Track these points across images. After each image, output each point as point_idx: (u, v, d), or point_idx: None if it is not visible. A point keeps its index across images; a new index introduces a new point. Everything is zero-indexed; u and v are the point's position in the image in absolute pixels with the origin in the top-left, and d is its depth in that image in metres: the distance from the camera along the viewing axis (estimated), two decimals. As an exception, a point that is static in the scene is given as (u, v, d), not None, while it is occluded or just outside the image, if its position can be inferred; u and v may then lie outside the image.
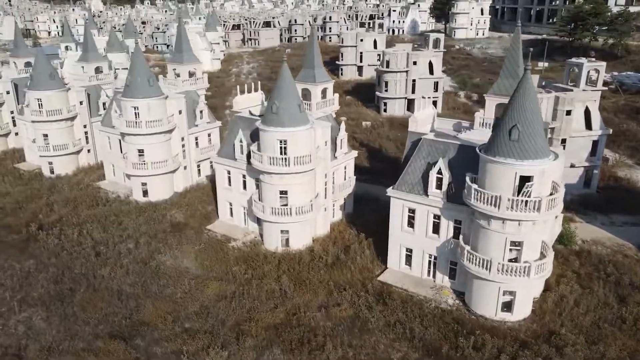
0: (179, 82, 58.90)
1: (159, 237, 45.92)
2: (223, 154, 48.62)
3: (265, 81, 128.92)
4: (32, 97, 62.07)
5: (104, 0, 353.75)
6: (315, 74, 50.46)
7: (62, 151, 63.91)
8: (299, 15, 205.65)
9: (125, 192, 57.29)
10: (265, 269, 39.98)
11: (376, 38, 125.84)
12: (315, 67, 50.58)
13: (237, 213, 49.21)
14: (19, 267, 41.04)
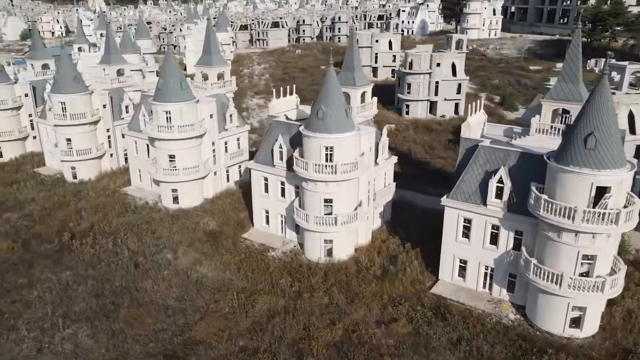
0: (208, 85, 57.29)
1: (196, 246, 44.36)
2: (260, 160, 47.08)
3: (279, 82, 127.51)
4: (55, 101, 60.46)
5: (107, 1, 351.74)
6: (355, 77, 49.01)
7: (86, 156, 62.35)
8: (307, 16, 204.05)
9: (153, 198, 55.72)
10: (312, 280, 38.44)
11: (391, 39, 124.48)
12: (355, 69, 49.15)
13: (274, 221, 47.67)
14: (56, 280, 39.46)
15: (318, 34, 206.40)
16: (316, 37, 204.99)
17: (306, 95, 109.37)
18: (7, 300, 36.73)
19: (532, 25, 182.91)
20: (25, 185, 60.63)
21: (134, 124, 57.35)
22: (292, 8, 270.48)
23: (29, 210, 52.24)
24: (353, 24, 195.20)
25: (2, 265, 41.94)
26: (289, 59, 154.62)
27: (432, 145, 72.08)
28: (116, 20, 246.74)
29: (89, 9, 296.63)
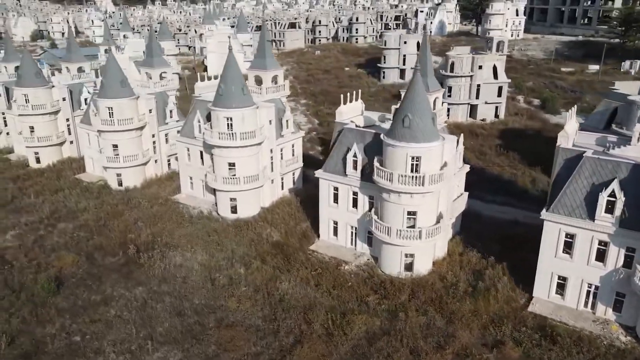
0: (263, 89, 55.36)
1: (267, 260, 42.43)
2: (330, 169, 45.14)
3: (305, 84, 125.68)
4: (102, 106, 58.56)
5: (115, 1, 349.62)
6: (429, 83, 47.03)
7: (132, 162, 60.47)
8: (323, 16, 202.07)
9: (207, 207, 53.86)
10: (402, 298, 36.50)
11: (419, 40, 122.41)
12: (428, 75, 47.18)
13: (344, 233, 45.74)
14: (130, 296, 37.53)
15: (334, 34, 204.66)
16: (332, 37, 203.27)
17: (336, 98, 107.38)
18: (85, 320, 34.79)
19: (552, 26, 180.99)
20: (71, 193, 58.63)
21: (187, 129, 55.40)
22: (302, 8, 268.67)
23: (84, 220, 50.31)
24: (371, 24, 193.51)
25: (70, 280, 39.99)
26: (310, 60, 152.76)
27: (482, 150, 70.10)
28: (131, 21, 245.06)
29: (98, 10, 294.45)
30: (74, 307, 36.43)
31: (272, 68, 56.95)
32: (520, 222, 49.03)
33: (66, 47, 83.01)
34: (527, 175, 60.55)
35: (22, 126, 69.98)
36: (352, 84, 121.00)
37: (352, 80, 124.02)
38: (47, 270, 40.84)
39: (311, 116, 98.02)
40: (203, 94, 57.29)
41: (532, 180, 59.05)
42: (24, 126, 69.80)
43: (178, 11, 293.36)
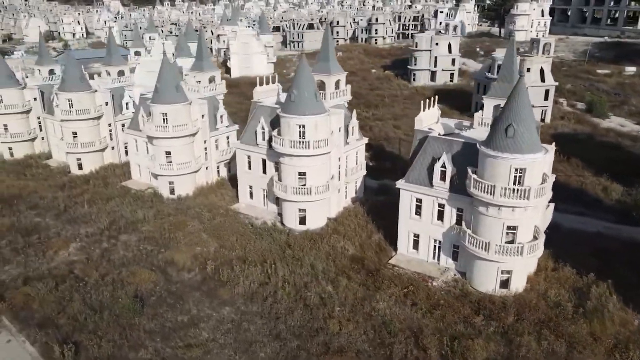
0: (327, 94, 53.26)
1: (351, 276, 40.34)
2: (412, 180, 43.01)
3: None
4: (157, 112, 56.48)
5: (123, 2, 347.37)
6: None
7: (185, 170, 58.42)
8: (341, 16, 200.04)
9: (271, 218, 51.81)
10: (509, 319, 34.37)
11: (451, 42, 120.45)
12: (513, 80, 45.01)
13: (426, 246, 43.59)
14: (218, 317, 35.44)
15: (351, 35, 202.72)
16: (349, 38, 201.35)
17: (371, 102, 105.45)
18: (177, 344, 32.69)
19: (574, 26, 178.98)
20: (123, 202, 56.56)
21: (248, 136, 53.29)
22: (312, 8, 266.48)
23: (147, 232, 48.19)
24: (390, 25, 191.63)
25: (150, 298, 37.89)
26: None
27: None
28: (140, 21, 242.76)
29: (108, 10, 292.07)
30: (162, 329, 34.33)
31: (335, 72, 55.01)
32: (605, 235, 46.96)
33: (106, 51, 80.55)
34: (596, 183, 58.40)
35: (65, 132, 67.93)
36: (382, 86, 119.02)
37: (382, 83, 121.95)
38: (124, 288, 38.69)
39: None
40: (262, 99, 55.28)
41: (603, 189, 56.89)
42: (66, 132, 67.75)
43: (188, 12, 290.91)
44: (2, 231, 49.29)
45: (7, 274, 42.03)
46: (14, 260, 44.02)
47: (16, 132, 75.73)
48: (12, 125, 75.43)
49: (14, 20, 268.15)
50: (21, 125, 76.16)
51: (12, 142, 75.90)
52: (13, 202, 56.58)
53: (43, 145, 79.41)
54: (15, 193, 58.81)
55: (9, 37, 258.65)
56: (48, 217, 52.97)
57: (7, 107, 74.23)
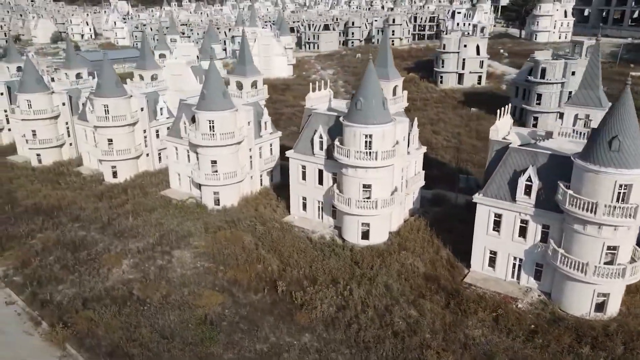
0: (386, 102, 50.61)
1: (431, 297, 37.79)
2: (491, 194, 40.44)
3: None
4: (203, 119, 53.93)
5: (130, 2, 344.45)
6: (601, 97, 42.35)
7: (232, 180, 55.90)
8: (356, 17, 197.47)
9: (328, 232, 49.31)
10: (617, 350, 31.78)
11: (479, 43, 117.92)
12: (597, 88, 42.43)
13: (504, 265, 40.99)
14: (300, 346, 32.83)
15: (366, 36, 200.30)
16: (364, 39, 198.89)
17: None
18: (264, 378, 30.15)
19: (594, 27, 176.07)
20: (167, 213, 54.05)
21: (302, 146, 50.71)
22: (321, 9, 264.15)
23: (202, 248, 45.64)
24: (406, 26, 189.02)
25: (221, 323, 35.29)
26: (354, 64, 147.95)
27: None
28: (150, 22, 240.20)
29: (116, 10, 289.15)
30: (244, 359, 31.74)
31: (394, 78, 52.48)
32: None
33: (140, 55, 77.99)
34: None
35: (100, 138, 65.40)
36: (410, 89, 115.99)
37: (408, 86, 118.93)
38: (191, 311, 36.13)
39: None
40: (315, 105, 52.75)
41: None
42: (101, 138, 65.23)
43: (197, 12, 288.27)
44: (49, 246, 46.78)
45: (63, 294, 39.49)
46: (67, 279, 41.48)
47: (45, 138, 73.27)
48: (41, 131, 72.97)
49: (22, 21, 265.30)
50: (50, 131, 73.69)
51: (40, 149, 73.44)
52: (53, 213, 54.06)
53: (71, 152, 76.98)
54: (54, 204, 56.25)
55: (18, 38, 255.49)
56: (93, 231, 50.45)
57: (35, 112, 71.77)
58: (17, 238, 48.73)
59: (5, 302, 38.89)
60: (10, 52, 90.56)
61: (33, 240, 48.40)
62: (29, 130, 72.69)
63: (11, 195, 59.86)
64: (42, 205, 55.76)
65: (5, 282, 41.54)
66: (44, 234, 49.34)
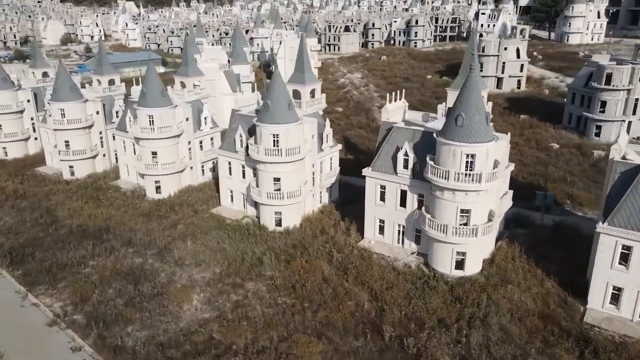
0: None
1: (562, 346, 33.02)
2: (620, 223, 35.60)
3: None
4: (267, 133, 49.20)
5: (137, 3, 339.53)
6: None
7: (295, 198, 51.14)
8: (376, 18, 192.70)
9: (412, 260, 44.49)
10: None
11: (519, 46, 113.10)
12: None
13: (632, 302, 36.20)
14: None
15: (386, 38, 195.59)
16: (384, 41, 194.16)
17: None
18: None
19: (624, 28, 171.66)
20: (225, 235, 49.31)
21: (382, 164, 45.87)
22: (332, 10, 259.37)
23: (278, 279, 40.83)
24: (429, 27, 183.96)
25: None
26: (382, 67, 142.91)
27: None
28: (164, 24, 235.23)
29: (127, 12, 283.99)
30: None
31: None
32: None
33: (182, 60, 73.24)
34: None
35: (144, 151, 60.66)
36: (446, 94, 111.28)
37: (444, 91, 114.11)
38: (288, 363, 31.37)
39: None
40: (392, 118, 48.04)
41: None
42: (145, 151, 60.49)
43: (210, 13, 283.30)
44: (106, 276, 42.05)
45: (134, 338, 34.73)
46: (135, 318, 36.68)
47: (78, 149, 68.59)
48: (74, 141, 68.27)
49: (30, 22, 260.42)
50: (83, 142, 69.06)
51: (73, 160, 68.76)
52: (102, 236, 49.33)
53: (105, 163, 72.36)
54: (101, 224, 51.52)
55: (26, 39, 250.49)
56: (149, 257, 45.73)
57: (69, 121, 67.11)
58: (69, 266, 43.94)
59: (70, 348, 34.12)
60: (36, 57, 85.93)
61: (86, 269, 43.67)
62: (61, 141, 68.01)
63: (52, 214, 55.18)
64: (88, 227, 50.94)
65: (66, 321, 36.74)
66: (98, 262, 44.62)
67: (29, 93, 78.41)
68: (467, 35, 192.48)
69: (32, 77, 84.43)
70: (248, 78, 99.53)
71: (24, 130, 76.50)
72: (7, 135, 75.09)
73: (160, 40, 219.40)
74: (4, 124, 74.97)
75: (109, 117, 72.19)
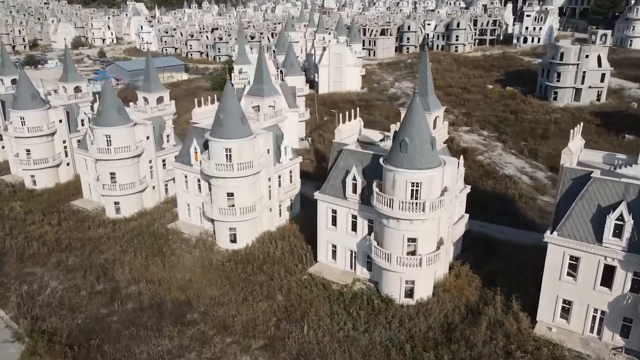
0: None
1: None
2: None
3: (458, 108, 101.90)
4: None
5: (147, 5, 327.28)
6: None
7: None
8: (412, 22, 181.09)
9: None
10: None
11: (600, 54, 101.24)
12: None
13: None
14: None
15: (421, 42, 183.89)
16: (420, 45, 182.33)
17: (532, 131, 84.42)
18: None
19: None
20: (346, 309, 37.52)
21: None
22: (355, 11, 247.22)
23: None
24: (470, 31, 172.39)
25: None
26: (432, 73, 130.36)
27: None
28: (181, 26, 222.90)
29: (140, 14, 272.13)
30: None
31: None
32: None
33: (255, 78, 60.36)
34: None
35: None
36: (520, 107, 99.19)
37: (517, 104, 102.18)
38: None
39: (518, 154, 76.78)
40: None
41: None
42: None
43: (227, 15, 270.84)
44: None
45: None
46: None
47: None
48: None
49: (40, 25, 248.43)
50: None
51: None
52: (185, 315, 37.55)
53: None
54: (180, 297, 39.70)
55: (35, 43, 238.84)
56: (258, 354, 33.79)
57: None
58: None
59: None
60: (68, 69, 75.00)
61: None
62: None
63: (109, 276, 43.73)
64: (163, 299, 39.19)
65: None
66: (190, 361, 32.69)
67: (61, 112, 67.25)
68: (505, 39, 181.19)
69: (63, 92, 72.85)
70: (303, 91, 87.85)
71: (55, 155, 66.37)
72: (36, 161, 64.78)
73: (178, 44, 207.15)
74: (33, 148, 64.85)
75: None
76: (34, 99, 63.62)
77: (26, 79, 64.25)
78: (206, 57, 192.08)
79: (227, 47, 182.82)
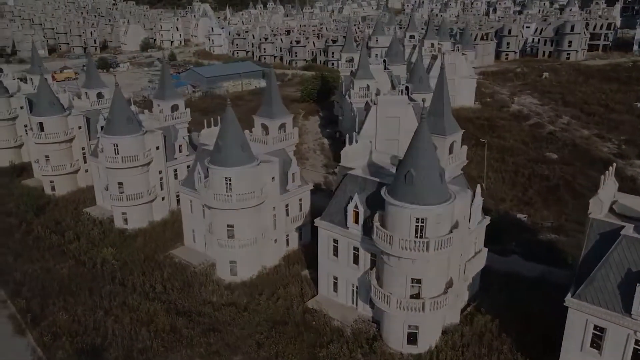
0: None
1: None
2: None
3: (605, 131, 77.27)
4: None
5: (213, 6, 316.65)
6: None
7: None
8: (513, 25, 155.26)
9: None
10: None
11: None
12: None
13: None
14: None
15: (521, 47, 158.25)
16: (520, 51, 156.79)
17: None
18: None
19: None
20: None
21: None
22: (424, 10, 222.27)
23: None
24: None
25: None
26: (555, 88, 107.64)
27: None
28: (251, 28, 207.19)
29: (206, 14, 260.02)
30: None
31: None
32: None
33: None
34: None
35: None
36: None
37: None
38: None
39: None
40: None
41: None
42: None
43: (298, 16, 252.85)
44: None
45: None
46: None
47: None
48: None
49: (110, 26, 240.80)
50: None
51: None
52: None
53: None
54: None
55: (104, 45, 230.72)
56: None
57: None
58: None
59: None
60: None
61: None
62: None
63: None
64: None
65: None
66: None
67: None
68: (616, 44, 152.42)
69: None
70: (406, 80, 67.21)
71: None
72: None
73: (251, 47, 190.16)
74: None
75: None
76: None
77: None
78: (280, 62, 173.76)
79: (304, 51, 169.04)
